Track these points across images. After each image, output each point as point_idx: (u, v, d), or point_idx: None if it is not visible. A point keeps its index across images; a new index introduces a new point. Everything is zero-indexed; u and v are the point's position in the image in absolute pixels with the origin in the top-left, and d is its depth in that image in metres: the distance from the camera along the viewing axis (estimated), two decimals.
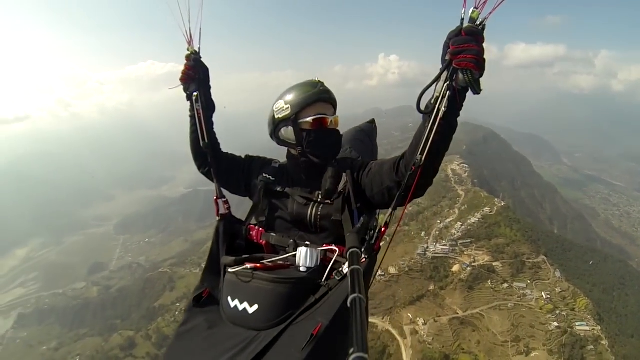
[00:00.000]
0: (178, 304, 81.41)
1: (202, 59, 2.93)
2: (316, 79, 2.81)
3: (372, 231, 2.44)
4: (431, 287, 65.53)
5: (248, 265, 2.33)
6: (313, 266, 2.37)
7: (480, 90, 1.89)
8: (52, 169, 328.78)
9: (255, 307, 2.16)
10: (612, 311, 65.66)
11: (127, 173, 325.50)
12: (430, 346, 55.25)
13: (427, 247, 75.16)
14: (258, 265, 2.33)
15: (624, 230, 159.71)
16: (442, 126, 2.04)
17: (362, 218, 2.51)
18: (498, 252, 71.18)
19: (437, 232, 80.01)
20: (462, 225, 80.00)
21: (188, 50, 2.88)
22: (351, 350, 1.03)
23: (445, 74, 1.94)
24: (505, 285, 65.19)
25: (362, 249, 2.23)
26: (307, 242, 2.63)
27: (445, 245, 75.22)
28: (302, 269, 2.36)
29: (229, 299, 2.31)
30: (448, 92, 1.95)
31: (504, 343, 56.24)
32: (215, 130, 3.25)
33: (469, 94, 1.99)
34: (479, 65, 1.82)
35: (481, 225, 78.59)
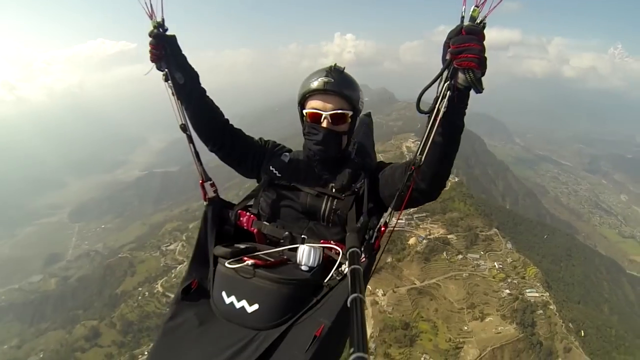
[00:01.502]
0: (140, 289, 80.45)
1: (166, 31, 2.60)
2: (332, 65, 2.67)
3: (372, 230, 2.44)
4: (389, 260, 66.96)
5: (249, 262, 2.20)
6: (315, 265, 2.30)
7: (483, 89, 1.86)
8: None
9: (256, 306, 2.08)
10: (559, 280, 69.79)
11: (79, 158, 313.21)
12: (390, 315, 56.99)
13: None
14: (259, 261, 2.22)
15: (571, 207, 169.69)
16: (446, 127, 2.05)
17: (361, 217, 2.50)
18: (452, 226, 73.69)
19: None
20: None
21: (151, 24, 2.54)
22: (351, 350, 1.02)
23: (445, 73, 1.92)
24: (460, 256, 67.92)
25: (362, 249, 2.22)
26: (303, 237, 2.58)
27: (401, 219, 75.58)
28: (303, 267, 2.29)
29: (224, 294, 2.21)
30: (448, 92, 1.93)
31: (460, 310, 59.02)
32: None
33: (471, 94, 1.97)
34: (481, 64, 1.78)
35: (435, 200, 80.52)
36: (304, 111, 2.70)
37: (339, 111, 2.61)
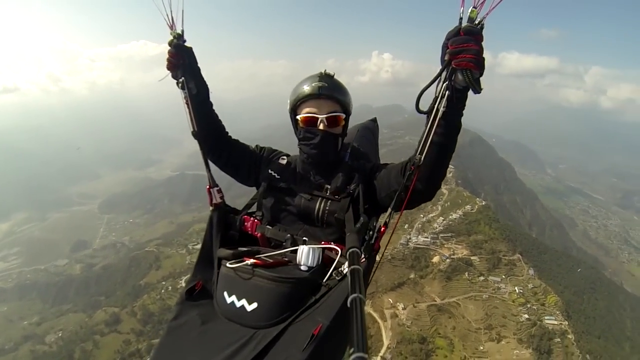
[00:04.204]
0: (164, 283, 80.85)
1: (185, 42, 2.75)
2: (323, 72, 2.77)
3: (372, 231, 2.47)
4: (412, 276, 67.74)
5: (248, 261, 2.30)
6: (314, 266, 2.37)
7: (481, 89, 1.91)
8: (40, 143, 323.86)
9: (254, 305, 2.14)
10: (580, 312, 67.97)
11: (115, 152, 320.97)
12: (408, 329, 57.44)
13: (410, 238, 77.05)
14: (258, 261, 2.31)
15: (599, 242, 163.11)
16: (444, 127, 2.09)
17: (361, 218, 2.50)
18: (476, 248, 73.69)
19: (420, 225, 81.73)
20: (443, 220, 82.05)
21: (171, 34, 2.71)
22: (351, 350, 1.02)
23: (444, 74, 1.97)
24: (481, 278, 67.76)
25: (362, 249, 2.23)
26: (305, 238, 2.63)
27: (427, 237, 77.14)
28: (302, 267, 2.36)
29: (225, 294, 2.29)
30: (447, 92, 1.98)
31: (477, 330, 58.84)
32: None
33: (470, 93, 2.02)
34: (479, 64, 1.83)
35: (462, 221, 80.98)
36: (298, 117, 2.79)
37: (334, 114, 2.72)
